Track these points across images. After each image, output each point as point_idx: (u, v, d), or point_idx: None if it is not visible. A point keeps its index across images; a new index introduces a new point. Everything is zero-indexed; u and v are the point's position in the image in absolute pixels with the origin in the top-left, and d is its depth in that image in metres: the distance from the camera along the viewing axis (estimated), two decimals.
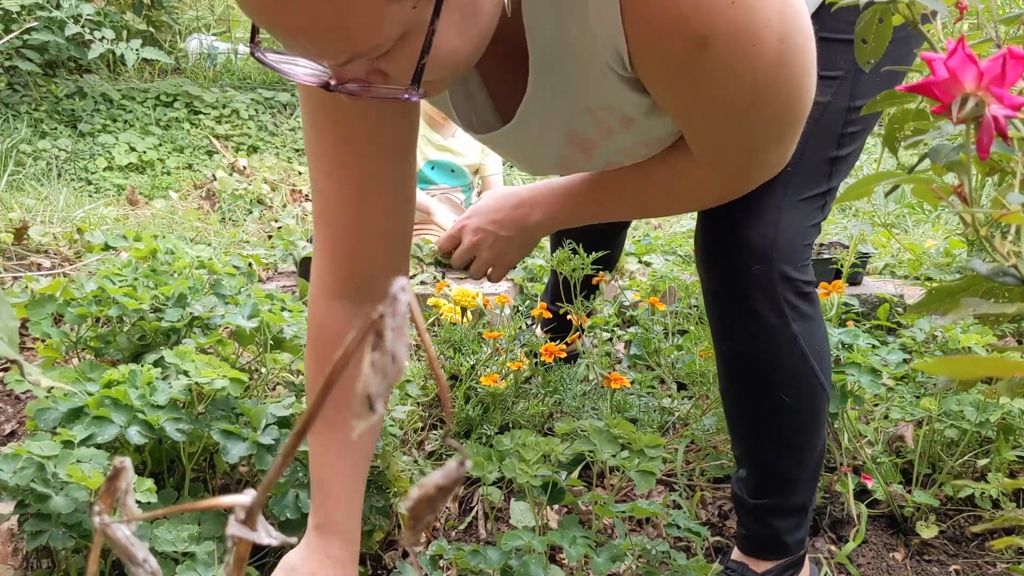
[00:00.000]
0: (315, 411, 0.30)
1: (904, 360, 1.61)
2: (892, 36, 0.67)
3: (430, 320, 1.86)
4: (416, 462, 1.49)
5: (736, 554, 1.30)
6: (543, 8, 0.86)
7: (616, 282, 2.22)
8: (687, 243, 2.88)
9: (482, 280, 1.38)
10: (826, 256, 2.29)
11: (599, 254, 1.66)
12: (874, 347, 1.63)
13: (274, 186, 3.85)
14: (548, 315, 1.81)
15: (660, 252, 2.81)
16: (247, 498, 0.33)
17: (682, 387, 1.86)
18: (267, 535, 0.33)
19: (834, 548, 1.46)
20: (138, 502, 1.03)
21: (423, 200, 3.00)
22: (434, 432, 1.68)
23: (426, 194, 3.09)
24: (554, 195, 1.20)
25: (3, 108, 4.57)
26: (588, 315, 1.73)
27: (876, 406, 1.74)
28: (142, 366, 1.23)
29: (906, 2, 0.56)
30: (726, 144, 0.98)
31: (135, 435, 1.12)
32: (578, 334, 1.75)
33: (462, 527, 1.47)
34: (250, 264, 1.92)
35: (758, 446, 1.23)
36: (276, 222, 3.31)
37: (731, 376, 1.20)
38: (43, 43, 4.56)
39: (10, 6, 4.30)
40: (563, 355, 1.62)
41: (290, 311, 1.54)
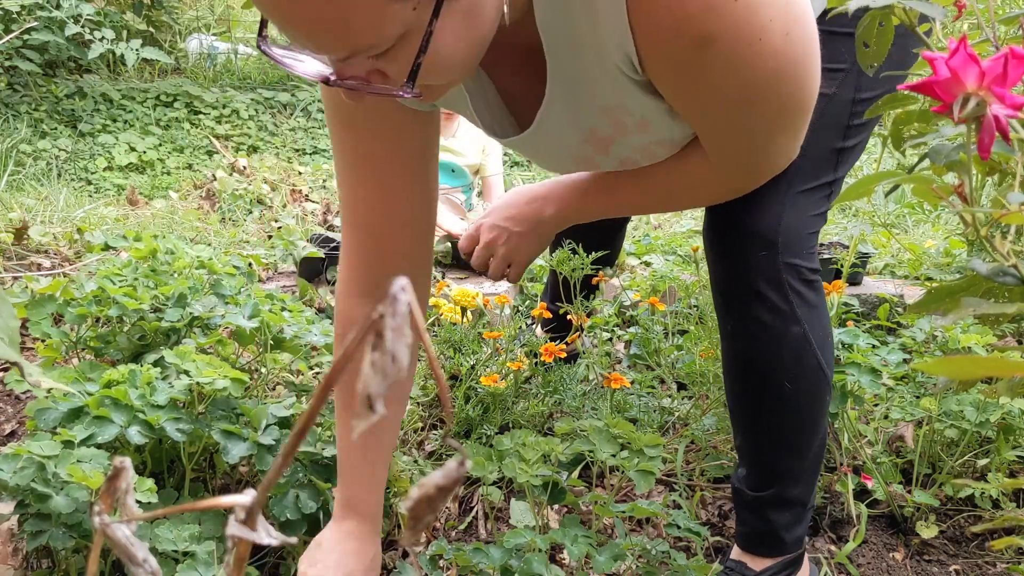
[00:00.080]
0: (315, 411, 0.30)
1: (904, 360, 1.61)
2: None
3: (430, 320, 1.86)
4: (416, 462, 1.49)
5: (735, 553, 1.30)
6: (554, 15, 0.88)
7: (617, 280, 2.22)
8: (687, 243, 2.88)
9: (501, 281, 1.38)
10: (826, 256, 2.29)
11: (599, 254, 1.66)
12: (874, 347, 1.63)
13: (274, 186, 3.85)
14: (548, 315, 1.81)
15: (660, 252, 2.81)
16: (247, 498, 0.33)
17: (682, 387, 1.86)
18: (267, 535, 0.33)
19: (834, 548, 1.46)
20: (138, 502, 1.03)
21: None
22: (434, 432, 1.68)
23: None
24: (566, 190, 1.21)
25: (3, 108, 4.57)
26: (588, 315, 1.73)
27: (876, 406, 1.74)
28: (142, 366, 1.23)
29: (902, 7, 0.56)
30: (735, 139, 1.00)
31: (135, 435, 1.12)
32: (578, 334, 1.75)
33: (462, 527, 1.47)
34: (250, 264, 1.92)
35: (759, 435, 1.23)
36: (276, 222, 3.31)
37: (734, 363, 1.21)
38: (43, 43, 4.56)
39: (10, 6, 4.30)
40: (563, 355, 1.62)
41: (290, 311, 1.54)
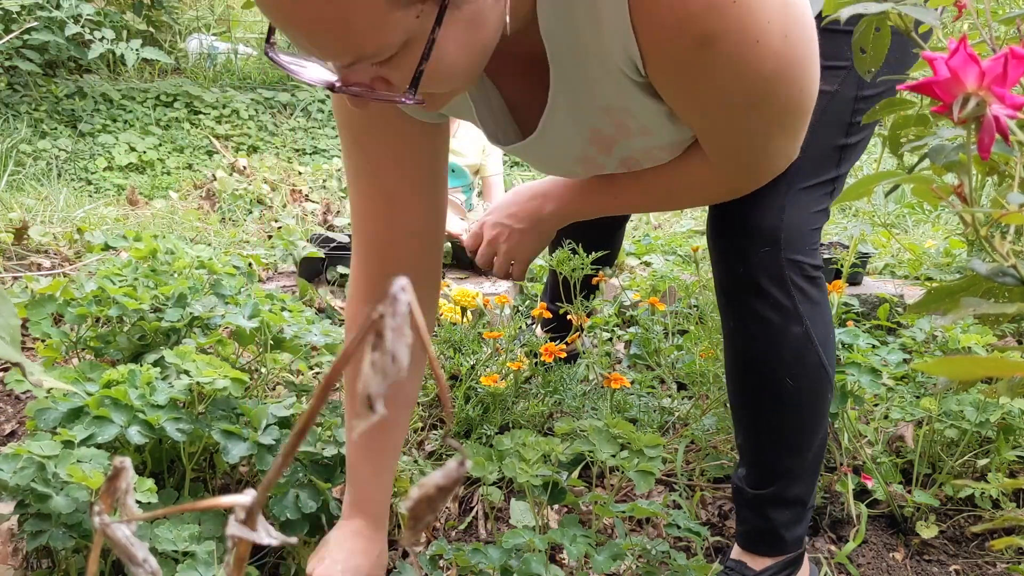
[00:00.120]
0: (315, 411, 0.30)
1: (904, 360, 1.61)
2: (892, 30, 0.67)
3: None
4: (416, 462, 1.49)
5: (735, 552, 1.30)
6: (558, 22, 0.88)
7: (616, 279, 2.22)
8: (687, 243, 2.88)
9: (505, 280, 1.39)
10: (826, 256, 2.29)
11: (599, 254, 1.66)
12: (874, 347, 1.63)
13: (274, 186, 3.85)
14: (548, 315, 1.81)
15: (660, 252, 2.81)
16: (247, 498, 0.33)
17: (682, 387, 1.86)
18: (267, 535, 0.33)
19: (834, 548, 1.46)
20: (138, 502, 1.03)
21: None
22: (434, 432, 1.68)
23: None
24: (567, 188, 1.22)
25: (3, 108, 4.57)
26: (588, 315, 1.73)
27: (876, 406, 1.74)
28: (142, 366, 1.23)
29: (897, 12, 0.56)
30: (734, 141, 1.01)
31: (135, 435, 1.12)
32: (578, 334, 1.75)
33: (462, 527, 1.47)
34: (250, 264, 1.92)
35: (760, 433, 1.23)
36: (276, 222, 3.31)
37: (736, 359, 1.21)
38: (43, 43, 4.55)
39: (10, 6, 4.30)
40: (563, 355, 1.62)
41: (290, 311, 1.54)
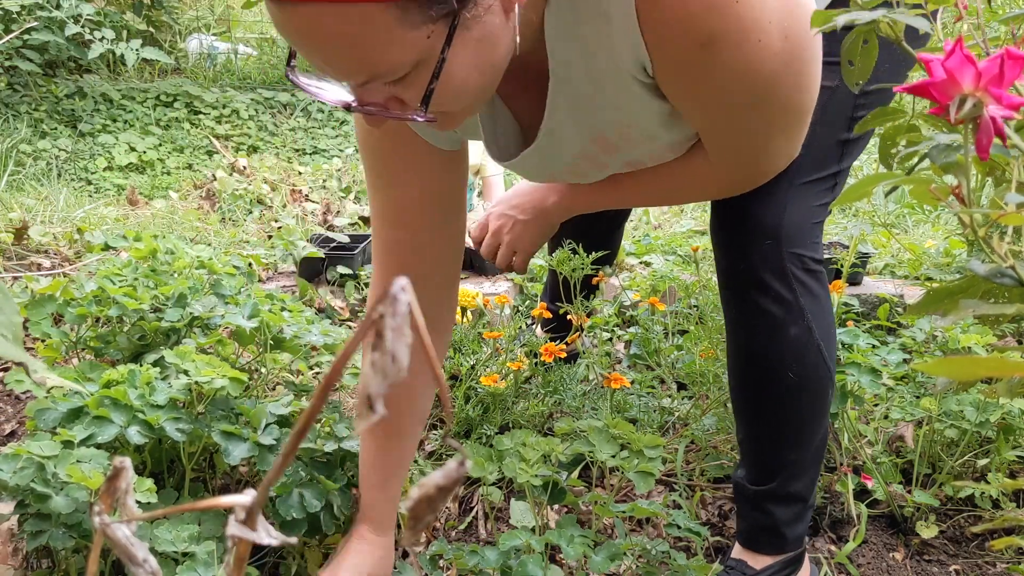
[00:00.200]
0: (315, 411, 0.30)
1: (904, 360, 1.61)
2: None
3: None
4: (416, 462, 1.49)
5: (736, 551, 1.30)
6: (566, 33, 0.90)
7: (616, 279, 2.22)
8: (687, 243, 2.88)
9: (508, 272, 1.42)
10: (826, 256, 2.29)
11: (599, 254, 1.66)
12: (874, 347, 1.63)
13: (274, 186, 3.85)
14: (548, 315, 1.81)
15: (660, 252, 2.81)
16: (247, 498, 0.33)
17: (682, 387, 1.86)
18: (267, 535, 0.33)
19: (834, 548, 1.46)
20: (138, 502, 1.03)
21: None
22: (434, 432, 1.68)
23: None
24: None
25: (3, 108, 4.57)
26: (588, 315, 1.73)
27: (876, 406, 1.74)
28: (142, 366, 1.23)
29: (887, 21, 0.56)
30: (735, 139, 1.02)
31: (135, 435, 1.12)
32: (578, 334, 1.75)
33: (462, 527, 1.47)
34: (250, 264, 1.92)
35: (762, 427, 1.23)
36: (276, 222, 3.31)
37: (739, 353, 1.21)
38: (43, 43, 4.55)
39: (10, 6, 4.30)
40: (563, 355, 1.62)
41: (290, 311, 1.54)
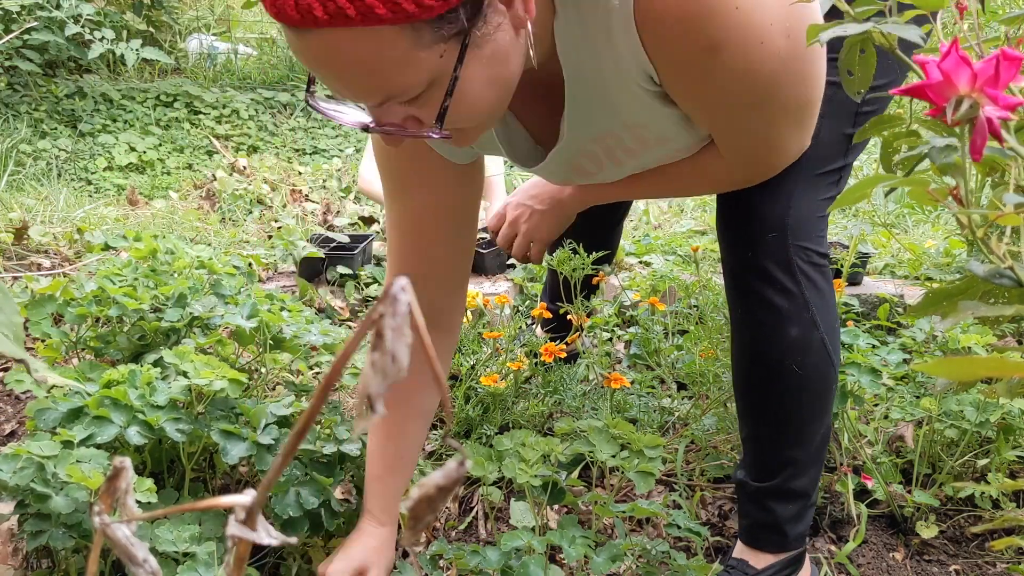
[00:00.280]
0: (315, 411, 0.31)
1: (904, 360, 1.61)
2: None
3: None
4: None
5: (737, 551, 1.30)
6: (576, 48, 0.92)
7: (616, 279, 2.22)
8: (687, 243, 2.88)
9: (521, 261, 1.50)
10: None
11: (599, 254, 1.66)
12: (874, 347, 1.63)
13: (274, 186, 3.84)
14: (548, 315, 1.81)
15: (660, 252, 2.81)
16: (247, 498, 0.33)
17: (682, 387, 1.86)
18: (267, 535, 0.33)
19: (834, 548, 1.46)
20: (138, 502, 1.03)
21: None
22: (434, 432, 1.68)
23: None
24: None
25: (3, 108, 4.57)
26: (588, 315, 1.73)
27: (876, 406, 1.74)
28: (142, 366, 1.23)
29: (881, 31, 0.57)
30: (743, 137, 1.04)
31: (135, 435, 1.12)
32: (578, 334, 1.75)
33: (462, 527, 1.47)
34: (250, 264, 1.92)
35: (766, 422, 1.23)
36: (276, 222, 3.31)
37: (744, 350, 1.21)
38: (43, 43, 4.55)
39: (10, 6, 4.30)
40: (563, 355, 1.62)
41: (290, 311, 1.54)
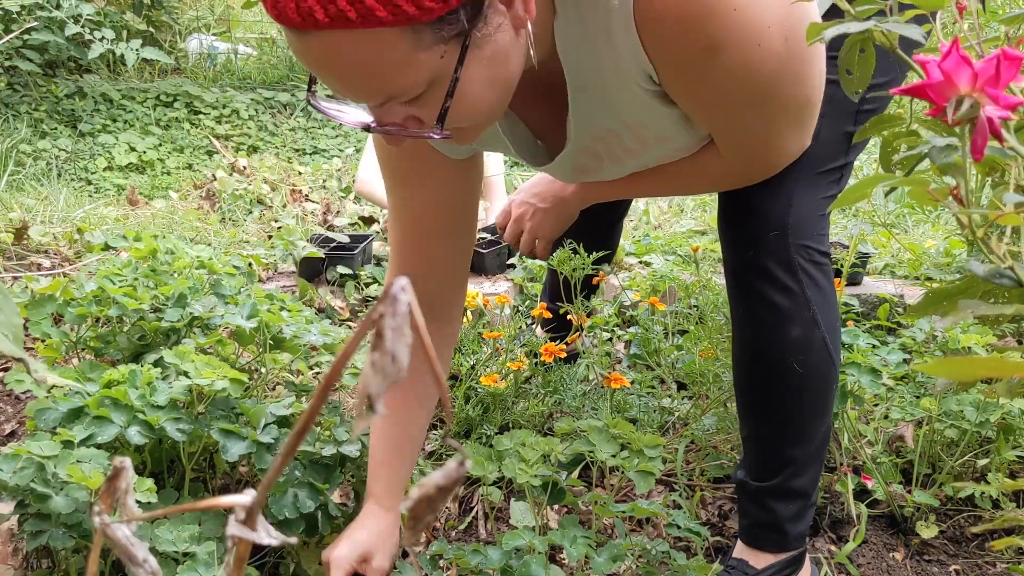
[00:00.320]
0: (315, 411, 0.31)
1: (904, 360, 1.61)
2: None
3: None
4: (416, 462, 1.49)
5: (737, 551, 1.30)
6: (576, 49, 0.93)
7: (616, 279, 2.22)
8: (687, 243, 2.88)
9: (528, 256, 1.53)
10: None
11: (599, 254, 1.66)
12: (874, 347, 1.63)
13: (274, 186, 3.84)
14: (548, 315, 1.81)
15: (660, 252, 2.81)
16: (247, 498, 0.33)
17: (682, 387, 1.86)
18: (267, 535, 0.33)
19: (834, 548, 1.46)
20: (138, 502, 1.03)
21: None
22: (434, 432, 1.68)
23: None
24: None
25: (3, 108, 4.57)
26: (588, 315, 1.73)
27: (876, 406, 1.74)
28: (142, 366, 1.23)
29: (882, 31, 0.57)
30: (743, 136, 1.05)
31: (135, 435, 1.12)
32: (578, 334, 1.75)
33: (462, 527, 1.47)
34: (250, 264, 1.92)
35: (767, 420, 1.23)
36: (276, 222, 3.30)
37: (745, 349, 1.21)
38: (43, 43, 4.55)
39: (10, 6, 4.30)
40: (563, 355, 1.62)
41: (290, 311, 1.54)
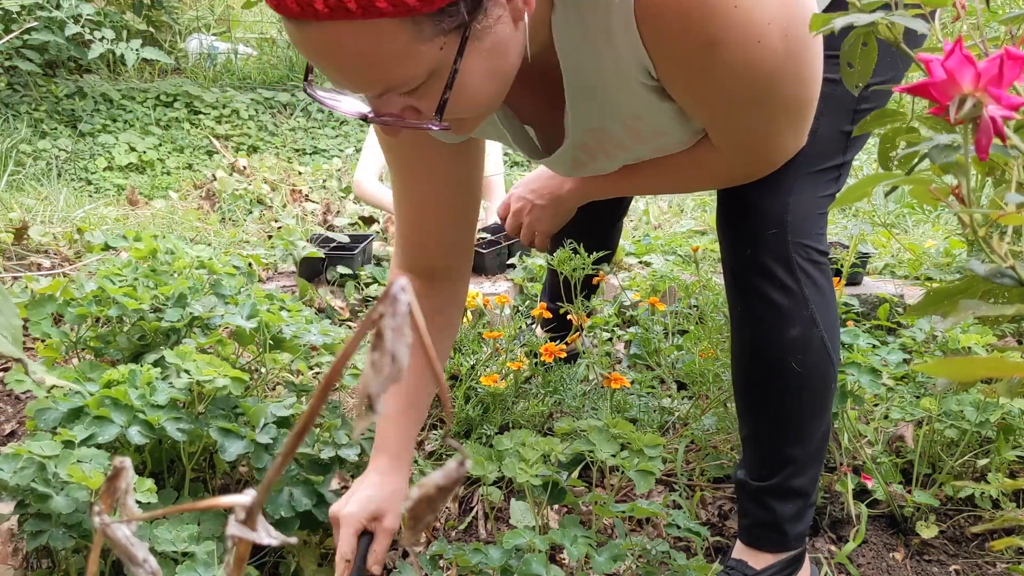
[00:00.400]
0: (315, 411, 0.30)
1: (904, 360, 1.61)
2: None
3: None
4: (416, 462, 1.49)
5: (736, 551, 1.30)
6: (574, 42, 0.93)
7: (616, 279, 2.22)
8: (687, 243, 2.88)
9: (528, 247, 1.56)
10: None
11: (599, 254, 1.66)
12: (874, 347, 1.63)
13: (274, 186, 3.84)
14: (548, 315, 1.81)
15: (660, 252, 2.81)
16: (247, 498, 0.33)
17: (682, 387, 1.86)
18: (267, 535, 0.33)
19: (834, 548, 1.46)
20: (138, 502, 1.03)
21: None
22: (434, 432, 1.68)
23: None
24: None
25: (3, 108, 4.57)
26: (588, 315, 1.73)
27: (876, 406, 1.74)
28: (142, 366, 1.23)
29: (886, 23, 0.57)
30: (740, 134, 1.05)
31: (135, 435, 1.12)
32: (578, 334, 1.75)
33: (462, 527, 1.47)
34: (250, 264, 1.92)
35: (766, 420, 1.23)
36: (276, 222, 3.30)
37: (744, 348, 1.21)
38: (43, 43, 4.55)
39: (10, 6, 4.30)
40: (563, 355, 1.62)
41: (290, 311, 1.54)
